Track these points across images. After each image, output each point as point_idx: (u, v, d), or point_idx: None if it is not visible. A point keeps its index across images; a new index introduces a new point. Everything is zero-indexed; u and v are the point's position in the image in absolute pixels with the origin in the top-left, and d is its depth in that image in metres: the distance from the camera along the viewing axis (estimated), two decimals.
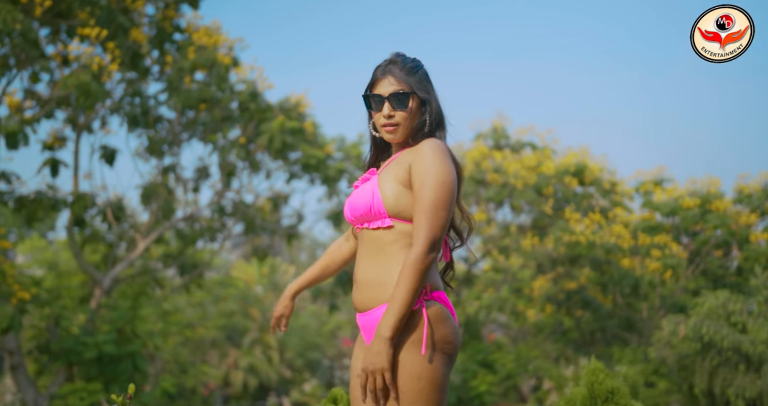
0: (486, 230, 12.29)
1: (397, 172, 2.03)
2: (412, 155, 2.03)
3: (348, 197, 2.19)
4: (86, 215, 9.41)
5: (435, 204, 1.93)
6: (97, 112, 9.19)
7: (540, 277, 12.72)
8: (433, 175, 1.95)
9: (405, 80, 2.10)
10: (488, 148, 12.32)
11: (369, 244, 2.06)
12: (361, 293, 2.07)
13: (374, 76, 2.15)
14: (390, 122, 2.09)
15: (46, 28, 8.11)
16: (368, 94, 2.15)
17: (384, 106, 2.10)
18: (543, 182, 11.74)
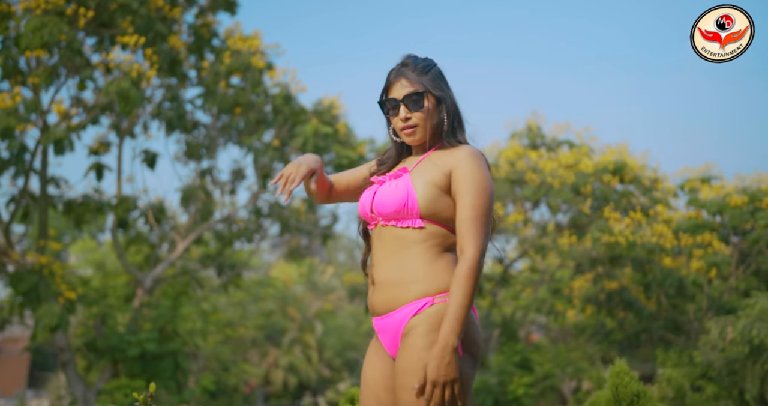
0: (522, 230, 12.25)
1: (433, 174, 2.02)
2: (451, 160, 2.03)
3: (367, 190, 2.16)
4: (129, 218, 9.77)
5: (481, 211, 1.94)
6: (138, 118, 9.54)
7: (579, 277, 12.62)
8: (478, 183, 1.97)
9: (418, 81, 2.10)
10: (523, 148, 12.27)
11: (391, 242, 2.03)
12: (382, 295, 2.02)
13: (388, 81, 2.16)
14: (408, 124, 2.10)
15: (91, 38, 8.46)
16: (383, 100, 2.15)
17: (400, 110, 2.10)
18: (581, 181, 11.64)
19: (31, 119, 7.85)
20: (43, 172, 8.87)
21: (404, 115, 2.10)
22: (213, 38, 9.09)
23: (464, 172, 1.99)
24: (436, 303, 1.93)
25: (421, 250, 1.99)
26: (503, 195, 11.92)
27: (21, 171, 8.12)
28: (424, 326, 1.92)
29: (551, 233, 12.27)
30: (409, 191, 2.01)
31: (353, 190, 2.28)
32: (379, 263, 2.05)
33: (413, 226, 2.00)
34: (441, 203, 2.00)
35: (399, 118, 2.11)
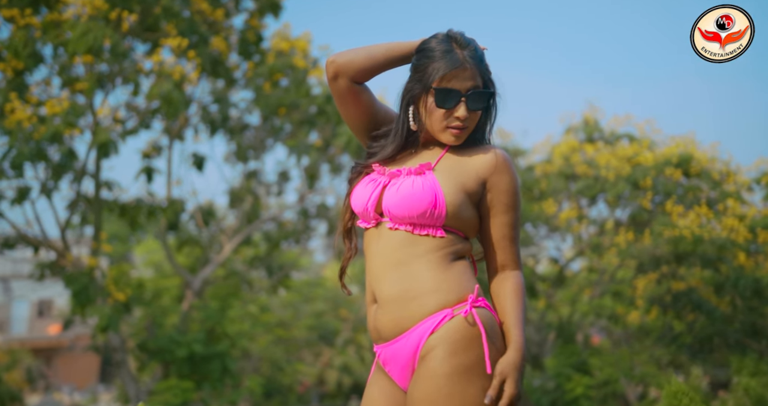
0: (577, 227, 12.05)
1: (463, 179, 1.80)
2: (484, 165, 1.82)
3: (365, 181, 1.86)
4: (178, 220, 10.11)
5: (518, 229, 1.85)
6: (188, 121, 9.88)
7: (641, 277, 12.32)
8: (517, 198, 1.83)
9: (482, 74, 1.82)
10: (579, 142, 12.07)
11: (399, 249, 1.77)
12: (389, 314, 1.75)
13: (449, 64, 1.78)
14: (461, 125, 1.81)
15: (138, 43, 8.80)
16: (442, 87, 1.79)
17: (460, 107, 1.79)
18: (639, 174, 11.35)
19: (81, 124, 8.24)
20: (96, 176, 9.30)
21: (464, 114, 1.80)
22: (260, 42, 9.30)
23: (505, 186, 1.81)
24: (456, 315, 1.69)
25: (435, 258, 1.75)
26: (557, 191, 11.75)
27: (61, 175, 8.52)
28: (446, 347, 1.67)
29: (610, 230, 12.03)
30: (438, 196, 1.75)
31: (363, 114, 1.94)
32: (382, 276, 1.77)
33: (433, 234, 1.77)
34: (466, 211, 1.79)
35: (454, 115, 1.80)
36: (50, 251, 9.29)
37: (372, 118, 1.94)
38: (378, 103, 1.96)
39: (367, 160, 1.92)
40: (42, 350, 20.95)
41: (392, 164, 1.89)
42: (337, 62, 1.87)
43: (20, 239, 9.24)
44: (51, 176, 8.69)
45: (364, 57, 1.87)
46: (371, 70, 1.89)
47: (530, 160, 12.66)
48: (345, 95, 1.90)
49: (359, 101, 1.91)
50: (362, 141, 1.99)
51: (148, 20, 8.20)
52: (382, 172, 1.86)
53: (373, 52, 1.87)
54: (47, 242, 9.25)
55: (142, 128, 9.33)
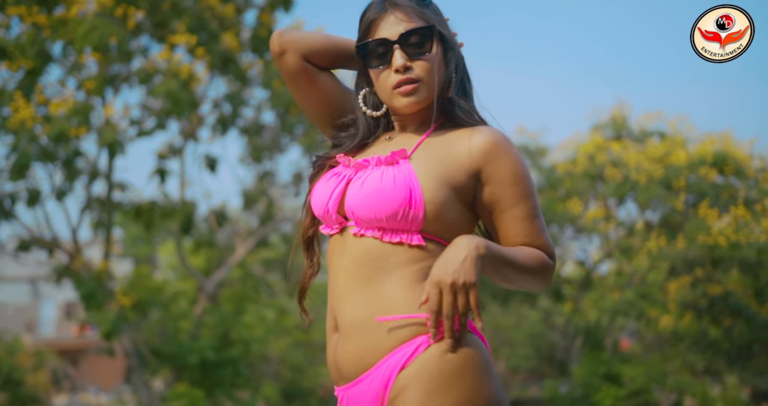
0: (604, 227, 11.80)
1: (448, 171, 1.46)
2: (475, 152, 1.47)
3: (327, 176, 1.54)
4: (192, 222, 10.11)
5: (538, 213, 1.51)
6: (201, 121, 9.87)
7: (673, 280, 12.06)
8: (527, 181, 1.50)
9: (420, 14, 1.49)
10: (606, 140, 11.80)
11: (364, 262, 1.45)
12: (351, 346, 1.43)
13: (367, 17, 1.51)
14: (408, 77, 1.47)
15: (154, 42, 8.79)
16: (366, 42, 1.50)
17: (394, 56, 1.47)
18: (672, 175, 11.07)
19: (92, 124, 8.27)
20: (108, 177, 9.34)
21: (402, 63, 1.47)
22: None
23: (508, 173, 1.47)
24: (433, 344, 1.36)
25: (411, 273, 1.43)
26: (582, 191, 11.53)
27: (75, 176, 8.55)
28: (420, 387, 1.35)
29: (639, 232, 11.77)
30: (414, 192, 1.42)
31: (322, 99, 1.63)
32: (344, 296, 1.45)
33: (408, 242, 1.43)
34: (451, 212, 1.45)
35: (392, 70, 1.48)
36: (63, 254, 9.37)
37: (334, 105, 1.62)
38: (345, 89, 1.64)
39: (330, 152, 1.59)
40: (68, 351, 21.33)
41: (361, 154, 1.56)
42: (285, 36, 1.59)
43: (34, 241, 9.34)
44: (66, 178, 8.75)
45: (320, 37, 1.61)
46: (329, 53, 1.60)
47: (553, 159, 12.43)
48: (295, 75, 1.60)
49: (314, 84, 1.60)
50: (325, 132, 1.67)
51: (156, 17, 8.18)
52: (347, 164, 1.53)
53: (334, 36, 1.63)
54: (59, 245, 9.32)
55: (158, 129, 9.33)
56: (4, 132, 8.07)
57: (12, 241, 9.54)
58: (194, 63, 8.16)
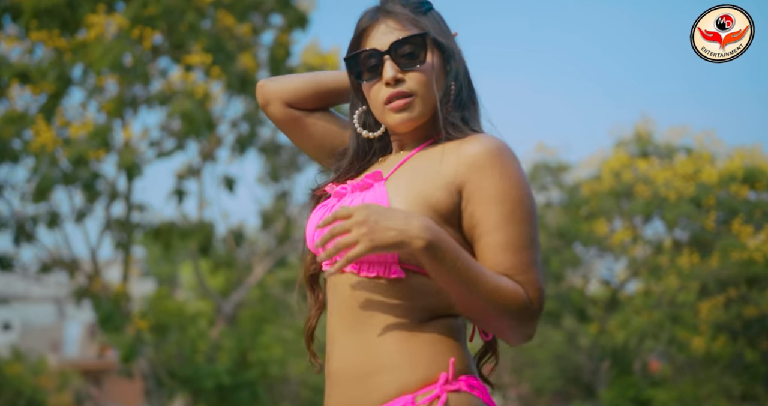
0: (632, 250, 11.62)
1: (428, 190, 1.30)
2: (458, 162, 1.30)
3: (318, 209, 1.44)
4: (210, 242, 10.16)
5: (532, 245, 1.28)
6: (219, 141, 9.96)
7: (705, 301, 11.80)
8: (521, 202, 1.28)
9: (414, 21, 1.37)
10: (631, 156, 11.67)
11: (350, 303, 1.32)
12: (336, 396, 1.33)
13: (358, 27, 1.40)
14: (400, 91, 1.34)
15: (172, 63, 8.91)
16: (354, 54, 1.38)
17: (385, 68, 1.35)
18: (703, 193, 10.89)
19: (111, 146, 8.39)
20: (127, 198, 9.44)
21: (392, 75, 1.34)
22: (288, 58, 9.32)
23: (493, 189, 1.27)
24: (419, 404, 1.25)
25: (398, 315, 1.29)
26: (607, 210, 11.37)
27: (94, 198, 8.65)
28: None
29: (668, 250, 11.56)
30: None
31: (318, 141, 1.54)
32: (333, 339, 1.35)
33: (386, 276, 1.29)
34: None
35: (383, 84, 1.35)
36: (83, 275, 9.46)
37: (334, 143, 1.53)
38: (344, 122, 1.54)
39: (325, 182, 1.48)
40: (91, 371, 21.52)
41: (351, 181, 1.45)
42: (266, 87, 1.53)
43: (55, 263, 9.45)
44: (86, 200, 8.86)
45: (303, 80, 1.52)
46: (315, 94, 1.52)
47: (576, 177, 12.29)
48: (283, 123, 1.54)
49: (304, 127, 1.53)
50: (328, 167, 1.57)
51: (174, 38, 8.31)
52: (333, 194, 1.42)
53: (319, 75, 1.54)
54: (79, 266, 9.41)
55: (177, 150, 9.43)
56: (25, 155, 8.24)
57: (34, 263, 9.66)
58: (210, 82, 8.24)
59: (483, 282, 1.24)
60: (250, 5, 8.51)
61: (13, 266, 9.30)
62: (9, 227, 8.92)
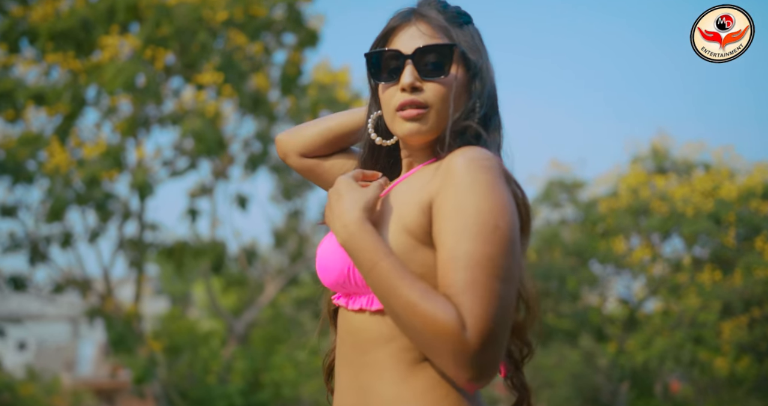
0: (650, 268, 11.47)
1: (404, 211, 1.21)
2: (434, 178, 1.22)
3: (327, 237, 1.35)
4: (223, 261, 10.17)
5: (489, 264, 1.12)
6: (232, 160, 10.01)
7: (728, 320, 11.59)
8: (478, 221, 1.13)
9: (447, 31, 1.30)
10: (648, 173, 11.57)
11: (348, 341, 1.26)
12: None
13: (388, 25, 1.34)
14: (414, 100, 1.26)
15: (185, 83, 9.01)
16: (377, 51, 1.31)
17: (404, 72, 1.27)
18: (722, 209, 10.77)
19: (124, 166, 8.47)
20: (140, 218, 9.50)
21: (410, 81, 1.26)
22: (300, 76, 9.39)
23: (453, 199, 1.16)
24: None
25: (391, 354, 1.19)
26: (625, 227, 11.25)
27: (107, 218, 8.72)
28: None
29: (688, 268, 11.39)
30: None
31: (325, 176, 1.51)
32: (337, 376, 1.29)
33: (369, 307, 1.22)
34: (417, 262, 1.18)
35: (399, 88, 1.28)
36: (96, 295, 9.50)
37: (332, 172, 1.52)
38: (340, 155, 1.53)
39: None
40: (104, 391, 21.54)
41: None
42: (281, 141, 1.53)
43: (68, 282, 9.52)
44: (100, 219, 8.93)
45: (314, 129, 1.50)
46: (327, 142, 1.49)
47: (592, 193, 12.19)
48: (302, 172, 1.53)
49: (323, 172, 1.51)
50: None
51: (186, 58, 8.40)
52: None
53: (327, 121, 1.50)
54: (91, 286, 9.46)
55: (190, 169, 9.51)
56: (40, 176, 8.35)
57: (48, 283, 9.73)
58: (221, 101, 8.31)
59: (397, 295, 1.11)
60: (261, 25, 8.60)
61: (26, 286, 9.38)
62: (24, 247, 9.03)
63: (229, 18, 7.99)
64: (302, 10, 8.98)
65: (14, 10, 8.53)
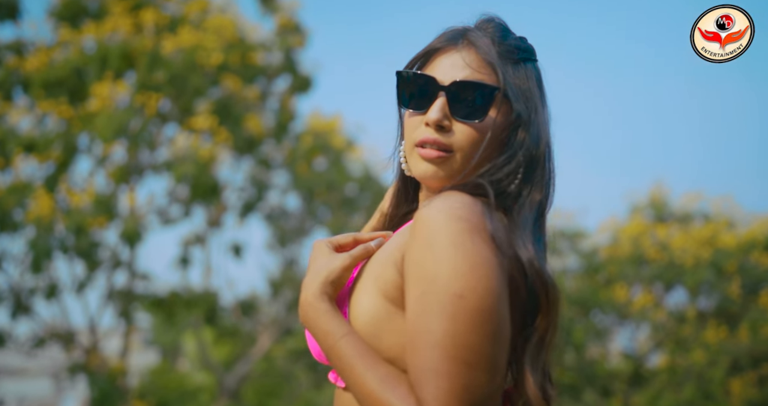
0: (654, 315, 11.36)
1: (379, 269, 1.09)
2: (406, 233, 1.10)
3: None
4: (215, 312, 10.00)
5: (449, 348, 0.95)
6: (225, 207, 9.97)
7: (737, 377, 11.41)
8: (437, 278, 0.98)
9: (497, 67, 1.13)
10: (648, 222, 11.61)
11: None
12: None
13: (432, 44, 1.19)
14: (438, 140, 1.13)
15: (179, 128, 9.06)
16: (410, 73, 1.17)
17: (434, 105, 1.13)
18: (722, 258, 10.75)
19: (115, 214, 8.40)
20: (130, 267, 9.37)
21: (437, 118, 1.12)
22: (292, 121, 9.47)
23: (412, 264, 1.01)
24: None
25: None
26: (626, 276, 11.21)
27: (95, 267, 8.60)
28: None
29: (692, 321, 11.27)
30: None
31: None
32: None
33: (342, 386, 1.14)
34: (394, 332, 1.06)
35: (425, 120, 1.14)
36: (80, 349, 9.26)
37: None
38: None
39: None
40: None
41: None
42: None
43: (51, 336, 9.29)
44: (88, 268, 8.79)
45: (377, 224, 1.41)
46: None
47: (594, 242, 12.20)
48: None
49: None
50: None
51: (181, 103, 8.46)
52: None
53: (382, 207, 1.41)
54: (75, 340, 9.23)
55: (184, 217, 9.45)
56: (25, 225, 8.25)
57: (29, 338, 9.47)
58: (216, 146, 8.32)
59: (355, 381, 1.01)
60: (257, 70, 8.72)
61: (6, 342, 9.13)
62: (6, 299, 8.83)
63: (224, 62, 8.09)
64: (297, 58, 9.12)
65: (10, 61, 8.64)
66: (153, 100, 7.92)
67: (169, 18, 8.47)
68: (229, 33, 8.38)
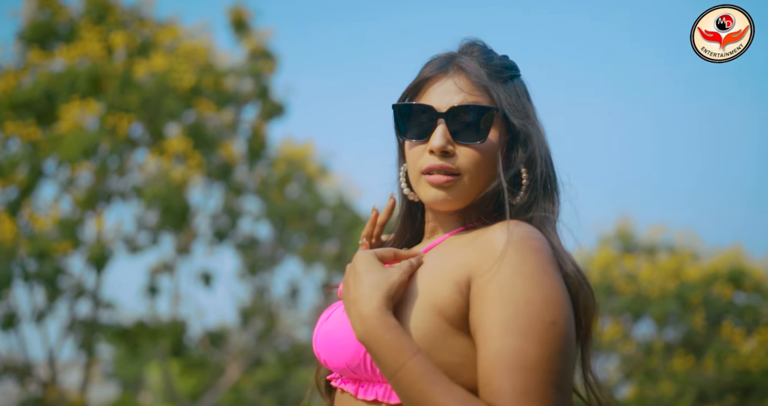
0: (623, 347, 11.44)
1: (434, 288, 1.08)
2: (475, 254, 1.08)
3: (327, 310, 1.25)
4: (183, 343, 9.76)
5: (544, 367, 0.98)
6: (195, 234, 9.81)
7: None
8: (530, 303, 1.00)
9: (489, 88, 1.17)
10: (615, 254, 11.76)
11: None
12: None
13: (422, 74, 1.21)
14: (444, 165, 1.15)
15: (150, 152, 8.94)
16: (407, 104, 1.20)
17: (435, 132, 1.15)
18: (687, 291, 10.94)
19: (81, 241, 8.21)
20: (94, 296, 9.12)
21: (441, 144, 1.14)
22: (264, 149, 9.45)
23: (496, 289, 1.02)
24: None
25: None
26: None
27: (57, 295, 8.35)
28: None
29: (659, 352, 11.38)
30: None
31: None
32: None
33: (386, 401, 1.08)
34: (447, 351, 1.05)
35: (428, 149, 1.16)
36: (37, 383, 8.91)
37: None
38: None
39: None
40: None
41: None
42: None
43: (7, 369, 8.95)
44: (47, 297, 8.53)
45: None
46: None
47: None
48: None
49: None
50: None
51: (153, 126, 8.37)
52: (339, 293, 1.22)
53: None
54: (32, 373, 8.90)
55: (152, 245, 9.25)
56: None
57: None
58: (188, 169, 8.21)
59: (431, 403, 0.97)
60: (228, 95, 8.70)
61: None
62: None
63: (196, 86, 8.05)
64: (269, 83, 9.12)
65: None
66: (124, 121, 7.81)
67: (140, 43, 8.43)
68: (201, 58, 8.38)
